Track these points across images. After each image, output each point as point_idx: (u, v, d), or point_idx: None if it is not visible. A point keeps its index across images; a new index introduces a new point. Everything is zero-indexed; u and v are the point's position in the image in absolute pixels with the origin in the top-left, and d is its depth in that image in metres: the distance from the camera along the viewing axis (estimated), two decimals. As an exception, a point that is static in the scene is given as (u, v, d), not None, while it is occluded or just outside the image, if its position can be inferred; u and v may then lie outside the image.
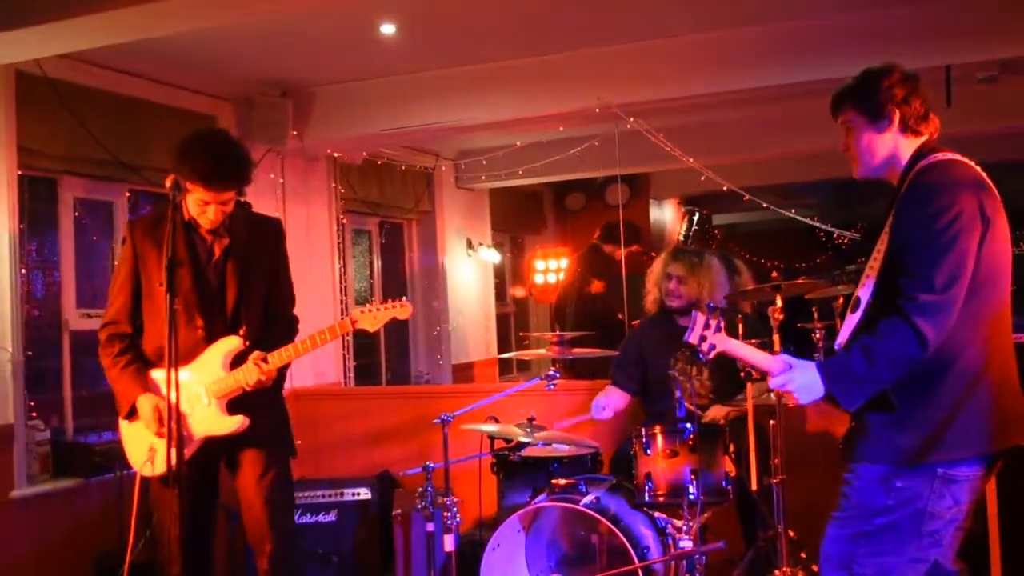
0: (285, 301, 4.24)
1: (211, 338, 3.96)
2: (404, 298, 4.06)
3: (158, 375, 3.98)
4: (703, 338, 3.18)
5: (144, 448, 3.96)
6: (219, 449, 4.02)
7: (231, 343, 3.96)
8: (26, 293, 5.42)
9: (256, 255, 4.09)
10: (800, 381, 3.08)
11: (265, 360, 3.89)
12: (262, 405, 4.02)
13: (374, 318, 3.99)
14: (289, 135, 6.66)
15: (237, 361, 3.95)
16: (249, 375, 3.89)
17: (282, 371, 4.06)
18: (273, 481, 4.07)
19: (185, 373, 3.88)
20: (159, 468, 3.91)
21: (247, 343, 3.96)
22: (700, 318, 3.19)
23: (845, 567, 3.08)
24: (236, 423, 3.93)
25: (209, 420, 3.93)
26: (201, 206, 3.89)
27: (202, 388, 3.95)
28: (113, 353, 4.01)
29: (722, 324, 3.20)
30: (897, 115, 3.12)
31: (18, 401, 5.20)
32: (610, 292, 8.26)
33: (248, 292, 4.03)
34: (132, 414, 3.97)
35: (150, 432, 3.93)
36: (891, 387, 3.00)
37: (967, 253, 2.93)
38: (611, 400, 5.20)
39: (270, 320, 4.12)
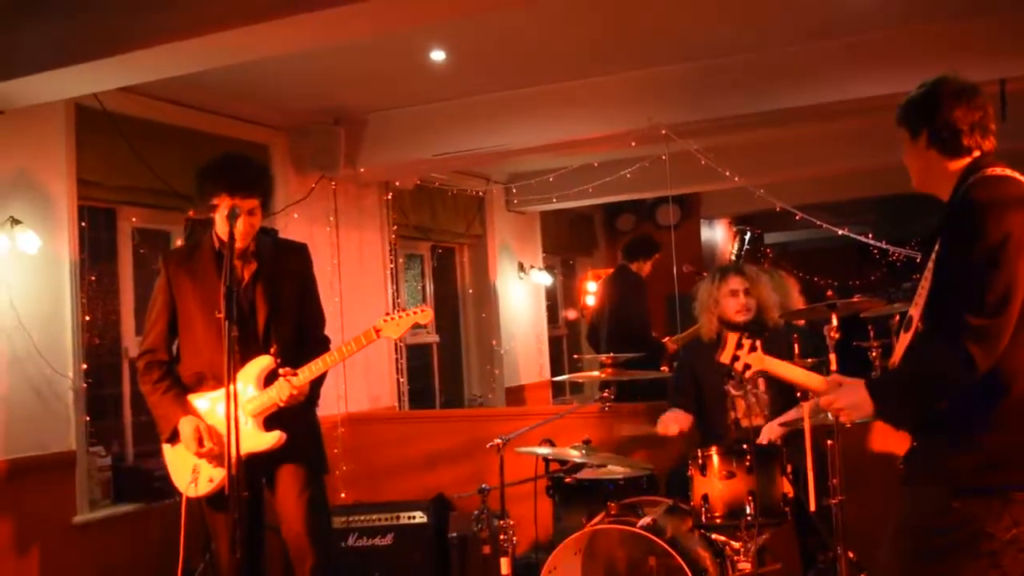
0: (316, 322, 4.37)
1: (244, 360, 4.04)
2: (424, 304, 4.12)
3: (196, 400, 4.13)
4: (736, 358, 3.16)
5: (188, 470, 4.09)
6: (259, 468, 4.09)
7: (263, 362, 4.07)
8: (86, 322, 5.52)
9: (284, 278, 4.23)
10: (849, 399, 3.05)
11: (295, 374, 3.98)
12: (297, 423, 4.12)
13: (397, 325, 4.08)
14: (341, 162, 6.73)
15: (270, 379, 4.05)
16: (282, 391, 3.98)
17: (315, 388, 4.16)
18: (311, 498, 4.19)
19: (221, 395, 3.99)
20: (203, 488, 4.07)
21: (278, 361, 4.06)
22: (732, 337, 3.18)
23: None
24: (274, 439, 4.02)
25: (248, 438, 3.97)
26: (226, 222, 3.96)
27: (240, 407, 3.99)
28: (153, 380, 4.17)
29: (758, 344, 3.17)
30: (952, 133, 3.08)
31: (80, 428, 5.30)
32: (642, 312, 8.23)
33: (277, 313, 4.16)
34: (174, 437, 4.10)
35: (191, 454, 4.05)
36: (948, 410, 2.96)
37: (1017, 275, 2.87)
38: (678, 417, 5.16)
39: (303, 341, 4.22)
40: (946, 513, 2.95)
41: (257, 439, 4.01)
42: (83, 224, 5.47)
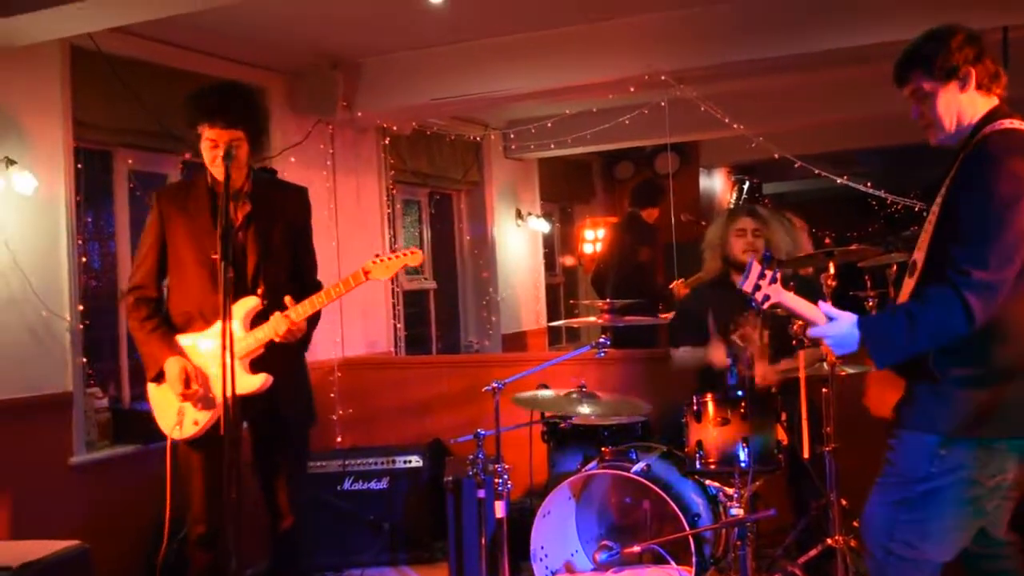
0: (308, 267, 4.34)
1: (236, 299, 3.98)
2: (415, 246, 4.09)
3: (185, 340, 4.09)
4: (758, 287, 3.15)
5: (173, 412, 4.05)
6: (241, 412, 3.97)
7: (249, 303, 4.02)
8: (83, 264, 5.51)
9: (278, 221, 4.17)
10: (838, 334, 3.06)
11: (289, 315, 3.96)
12: (286, 369, 4.09)
13: (386, 267, 4.04)
14: (339, 106, 6.69)
15: (256, 321, 4.03)
16: (279, 325, 3.95)
17: (307, 334, 4.13)
18: (294, 456, 4.25)
19: (208, 336, 4.01)
20: (188, 431, 4.03)
21: (264, 302, 4.03)
22: (756, 267, 3.16)
23: (886, 532, 3.09)
24: (260, 381, 3.99)
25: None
26: (211, 150, 3.95)
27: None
28: (141, 317, 4.11)
29: (778, 276, 3.16)
30: (972, 74, 3.06)
31: (76, 369, 5.30)
32: (654, 259, 8.25)
33: (268, 256, 4.11)
34: (160, 377, 4.06)
35: (176, 395, 4.01)
36: (940, 359, 2.98)
37: (1022, 232, 2.87)
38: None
39: (296, 285, 4.15)
40: (933, 459, 2.98)
41: (244, 381, 3.96)
42: (79, 166, 5.43)
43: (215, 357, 3.98)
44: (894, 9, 5.51)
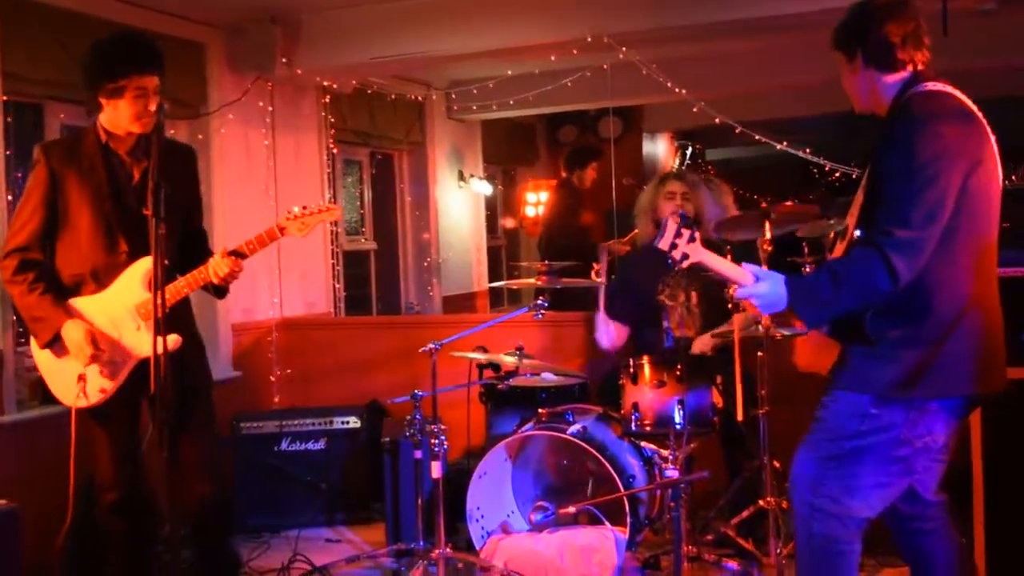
0: (199, 221, 4.28)
1: (132, 260, 3.90)
2: (333, 201, 4.01)
3: (79, 304, 3.92)
4: (674, 245, 3.16)
5: (72, 378, 3.87)
6: (144, 377, 3.77)
7: (147, 263, 3.84)
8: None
9: (173, 179, 3.84)
10: (765, 294, 3.08)
11: (235, 254, 3.88)
12: (185, 332, 3.96)
13: (302, 223, 3.96)
14: (278, 62, 6.56)
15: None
16: (219, 267, 3.85)
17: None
18: (205, 419, 4.11)
19: (105, 299, 3.89)
20: (93, 399, 3.89)
21: (165, 262, 3.84)
22: (672, 225, 3.16)
23: (811, 488, 3.13)
24: (171, 342, 3.72)
25: (140, 343, 3.86)
26: (140, 99, 3.80)
27: (129, 310, 3.90)
28: (28, 280, 3.88)
29: (696, 235, 3.17)
30: (886, 47, 3.09)
31: (7, 327, 5.21)
32: (588, 223, 8.30)
33: (167, 214, 3.91)
34: (55, 342, 3.88)
35: (77, 361, 3.85)
36: (875, 322, 3.02)
37: (947, 190, 2.91)
38: (613, 330, 5.18)
39: (185, 238, 4.10)
40: (864, 418, 3.03)
41: (151, 343, 3.78)
42: (8, 119, 5.30)
43: (118, 319, 3.89)
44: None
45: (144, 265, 3.88)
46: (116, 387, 3.90)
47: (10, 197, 5.28)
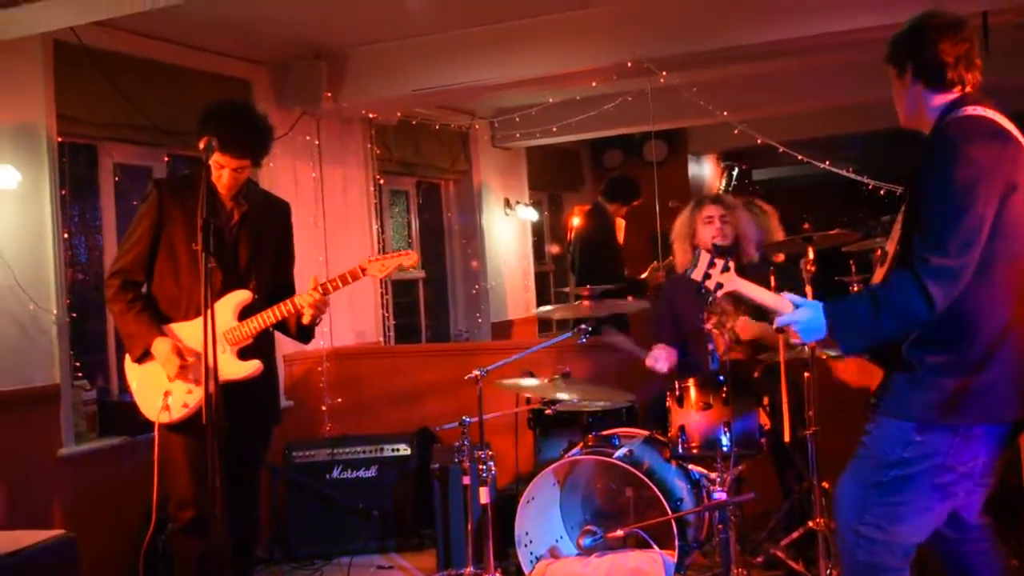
0: (289, 271, 4.50)
1: (225, 292, 4.13)
2: (411, 250, 4.19)
3: (173, 327, 4.17)
4: (707, 275, 3.19)
5: (158, 395, 4.11)
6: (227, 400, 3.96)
7: (241, 295, 4.16)
8: (69, 257, 5.54)
9: (268, 226, 4.35)
10: (804, 321, 3.10)
11: (320, 289, 4.10)
12: (265, 361, 4.20)
13: (382, 266, 4.18)
14: (324, 97, 6.69)
15: (245, 313, 4.14)
16: (305, 298, 4.09)
17: (270, 332, 4.26)
18: (262, 450, 4.45)
19: (195, 325, 4.04)
20: (176, 414, 4.10)
21: (255, 296, 4.17)
22: (705, 256, 3.20)
23: (856, 514, 3.13)
24: (251, 367, 4.12)
25: (225, 365, 4.00)
26: (217, 170, 4.09)
27: (218, 335, 4.03)
28: (127, 299, 4.18)
29: (731, 264, 3.19)
30: (938, 66, 3.08)
31: (64, 362, 5.33)
32: (615, 250, 8.26)
33: (259, 254, 4.26)
34: (145, 357, 4.13)
35: (164, 377, 4.09)
36: (914, 348, 3.01)
37: (984, 217, 2.89)
38: (668, 354, 5.16)
39: (275, 287, 4.32)
40: (908, 445, 3.02)
41: (234, 367, 4.09)
42: (64, 160, 5.45)
43: (198, 351, 4.05)
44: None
45: (238, 297, 4.15)
46: (198, 404, 4.01)
47: (66, 235, 5.43)
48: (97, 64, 5.51)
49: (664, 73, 6.39)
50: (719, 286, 3.18)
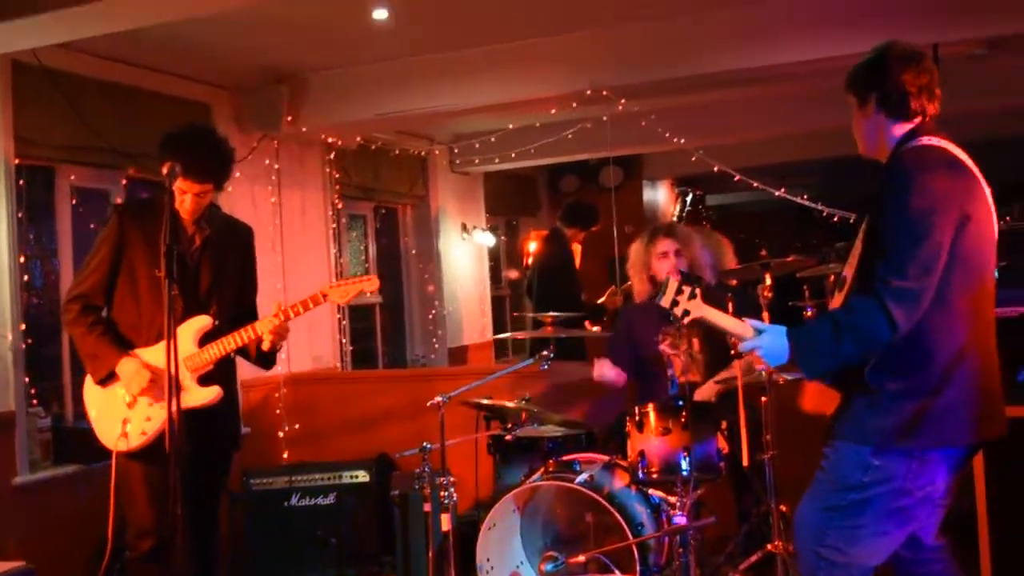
0: (253, 295, 4.47)
1: (185, 319, 4.09)
2: (372, 274, 4.18)
3: (138, 352, 4.11)
4: (675, 302, 3.22)
5: (116, 422, 4.06)
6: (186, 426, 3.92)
7: (201, 321, 4.12)
8: (25, 281, 5.47)
9: (230, 249, 4.32)
10: (768, 346, 3.14)
11: (280, 315, 4.08)
12: (225, 389, 4.17)
13: (344, 291, 4.15)
14: (284, 121, 6.70)
15: (206, 339, 4.11)
16: (265, 324, 4.07)
17: (230, 358, 4.22)
18: (221, 476, 4.40)
19: (156, 351, 4.03)
20: (134, 442, 4.04)
21: (215, 322, 4.14)
22: (673, 283, 3.23)
23: (816, 537, 3.17)
24: (211, 394, 4.08)
25: (185, 392, 3.96)
26: (179, 195, 4.07)
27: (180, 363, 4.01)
28: (88, 322, 4.13)
29: (698, 291, 3.23)
30: (900, 96, 3.13)
31: (19, 388, 5.26)
32: (572, 275, 8.28)
33: (220, 279, 4.23)
34: (108, 379, 4.08)
35: (123, 404, 4.05)
36: (875, 372, 3.06)
37: (942, 245, 2.95)
38: (608, 362, 5.18)
39: (238, 312, 4.29)
40: (867, 469, 3.06)
41: (195, 394, 4.06)
42: (20, 183, 5.40)
43: (164, 371, 4.02)
44: (831, 26, 5.63)
45: (198, 323, 4.12)
46: (157, 432, 4.00)
47: (22, 259, 5.37)
48: (56, 85, 5.48)
49: (623, 101, 6.45)
50: (686, 312, 3.21)
